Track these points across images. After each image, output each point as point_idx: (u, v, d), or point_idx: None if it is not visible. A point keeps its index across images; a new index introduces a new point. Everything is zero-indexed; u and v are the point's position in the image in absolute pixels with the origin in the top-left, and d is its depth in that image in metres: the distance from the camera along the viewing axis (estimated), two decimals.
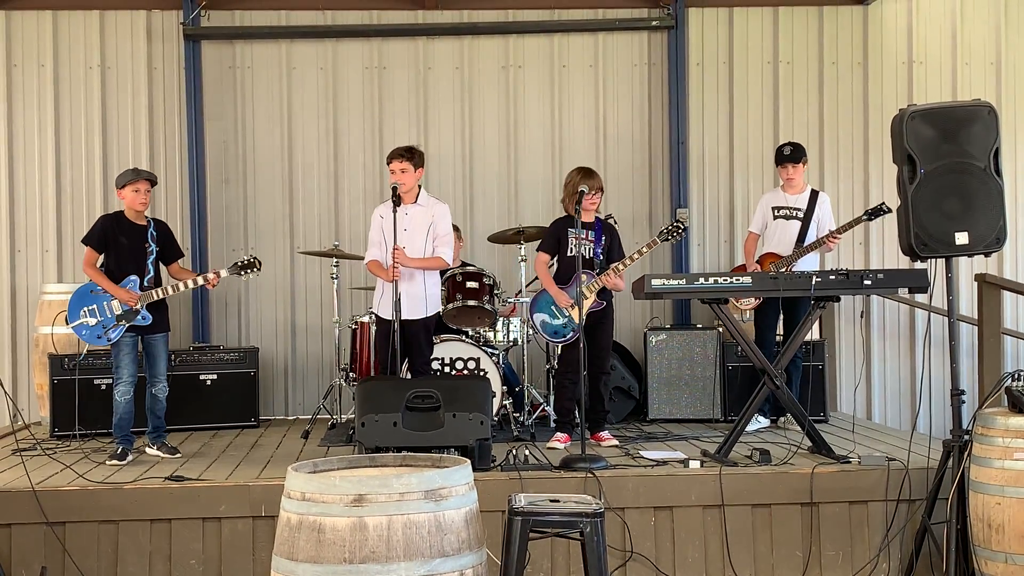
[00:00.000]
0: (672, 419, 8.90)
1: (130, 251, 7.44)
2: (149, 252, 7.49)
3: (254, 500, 6.33)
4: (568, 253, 7.74)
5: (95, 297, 7.35)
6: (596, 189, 7.70)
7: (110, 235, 7.46)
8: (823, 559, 6.46)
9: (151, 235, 7.53)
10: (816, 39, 10.23)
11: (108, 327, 7.32)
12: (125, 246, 7.44)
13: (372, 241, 7.70)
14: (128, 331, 7.36)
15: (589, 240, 7.70)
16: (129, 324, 7.34)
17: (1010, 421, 5.66)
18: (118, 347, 7.37)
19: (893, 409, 10.20)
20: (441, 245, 7.58)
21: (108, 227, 7.49)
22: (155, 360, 7.51)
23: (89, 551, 6.29)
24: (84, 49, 9.98)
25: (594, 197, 7.68)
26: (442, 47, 10.17)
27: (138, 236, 7.49)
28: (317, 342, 10.10)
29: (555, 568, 6.36)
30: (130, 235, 7.47)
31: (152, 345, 7.49)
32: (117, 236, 7.46)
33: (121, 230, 7.47)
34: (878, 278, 6.86)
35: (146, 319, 7.37)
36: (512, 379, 8.79)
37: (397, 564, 4.34)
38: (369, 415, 6.58)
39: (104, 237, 7.46)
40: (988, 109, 5.95)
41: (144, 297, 7.36)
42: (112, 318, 7.33)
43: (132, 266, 7.42)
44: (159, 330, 7.49)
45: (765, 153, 10.02)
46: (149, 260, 7.48)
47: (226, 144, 10.08)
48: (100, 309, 7.33)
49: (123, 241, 7.44)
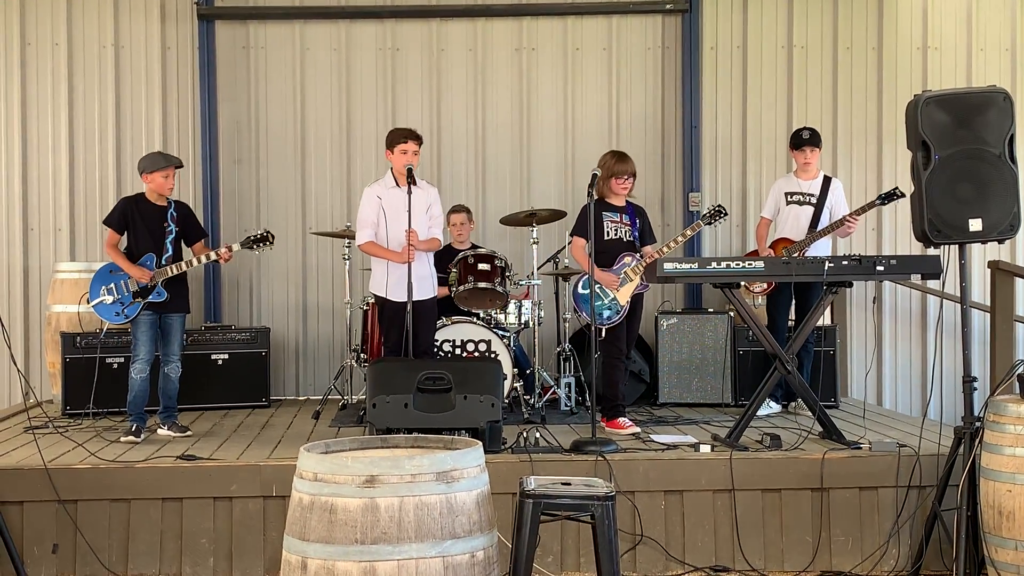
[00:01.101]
0: (683, 403, 8.90)
1: (149, 232, 7.56)
2: (168, 232, 7.58)
3: (265, 480, 6.35)
4: (605, 236, 7.71)
5: (114, 276, 7.50)
6: (628, 174, 7.68)
7: (130, 216, 7.59)
8: (833, 544, 6.46)
9: (171, 215, 7.61)
10: (831, 24, 10.18)
11: (125, 304, 7.43)
12: (144, 227, 7.56)
13: (366, 222, 7.60)
14: (147, 309, 7.45)
15: (625, 224, 7.68)
16: (145, 301, 7.43)
17: (1022, 409, 5.65)
18: (137, 324, 7.47)
19: (904, 395, 10.19)
20: (436, 227, 7.66)
21: (128, 209, 7.62)
22: (170, 339, 7.58)
23: (101, 529, 6.32)
24: (98, 28, 9.98)
25: (626, 182, 7.67)
26: (455, 29, 10.15)
27: (157, 217, 7.59)
28: (328, 322, 10.11)
29: (565, 551, 6.37)
30: (149, 216, 7.58)
31: (169, 324, 7.58)
32: (136, 217, 7.57)
33: (141, 211, 7.59)
34: (891, 264, 6.84)
35: (161, 295, 7.46)
36: (523, 362, 8.80)
37: (408, 545, 4.35)
38: (380, 396, 6.59)
39: (124, 218, 7.60)
40: (1004, 95, 5.91)
41: (158, 274, 7.46)
42: (129, 295, 7.44)
43: (151, 245, 7.54)
44: (177, 310, 7.60)
45: (778, 138, 9.99)
46: (168, 240, 7.57)
47: (239, 124, 10.08)
48: (118, 287, 7.46)
49: (142, 222, 7.56)
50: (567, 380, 8.60)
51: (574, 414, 8.39)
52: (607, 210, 7.69)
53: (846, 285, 7.18)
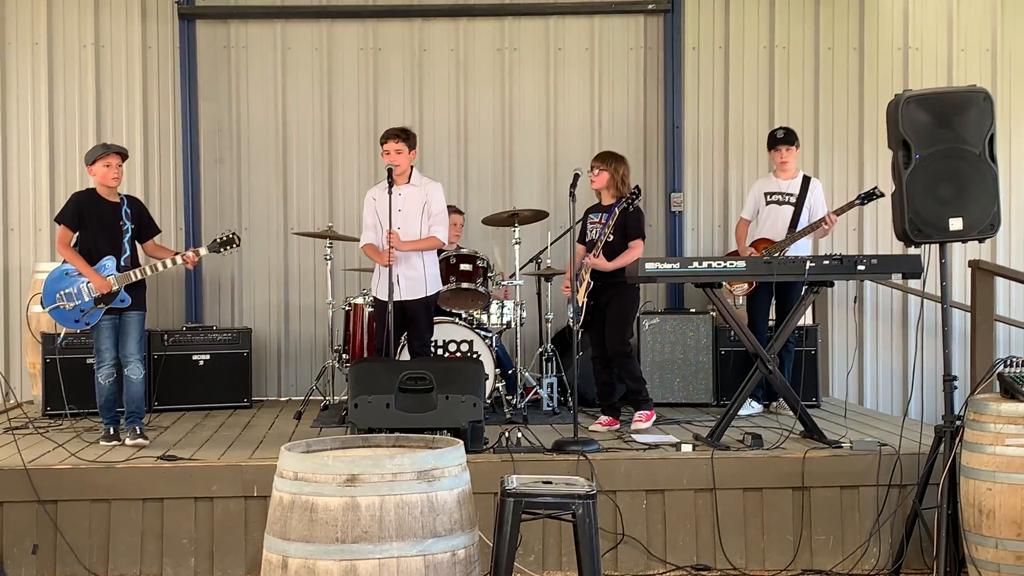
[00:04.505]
0: (664, 403, 8.88)
1: (105, 229, 7.17)
2: (125, 230, 7.21)
3: (246, 480, 6.33)
4: (587, 237, 7.77)
5: (71, 280, 7.09)
6: (592, 169, 7.69)
7: (84, 213, 7.17)
8: (814, 543, 6.47)
9: (125, 212, 7.24)
10: (812, 25, 10.21)
11: (86, 311, 7.08)
12: (100, 225, 7.16)
13: (366, 224, 7.69)
14: (107, 313, 7.11)
15: (602, 223, 7.68)
16: (108, 307, 7.10)
17: (1002, 407, 5.67)
18: (98, 330, 7.13)
19: (885, 394, 10.22)
20: (436, 224, 7.56)
21: (82, 204, 7.20)
22: (127, 338, 7.16)
23: (81, 529, 6.29)
24: (78, 27, 9.93)
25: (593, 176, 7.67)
26: (437, 28, 10.14)
27: (112, 214, 7.19)
28: (310, 323, 10.09)
29: (547, 550, 6.37)
30: (104, 213, 7.18)
31: (126, 323, 7.17)
32: (92, 214, 7.16)
33: (95, 208, 7.18)
34: (872, 263, 6.87)
35: (125, 301, 7.11)
36: (505, 362, 8.79)
37: (389, 544, 4.34)
38: (362, 396, 6.58)
39: (79, 215, 7.17)
40: (984, 95, 5.94)
41: (121, 279, 7.09)
42: (90, 301, 7.06)
43: (108, 246, 7.14)
44: (134, 308, 7.18)
45: (760, 138, 9.97)
46: (125, 239, 7.20)
47: (220, 124, 10.05)
48: (77, 292, 7.07)
49: (98, 219, 7.15)
50: (549, 380, 8.61)
51: (556, 414, 8.39)
52: (594, 211, 7.78)
53: (827, 285, 7.20)
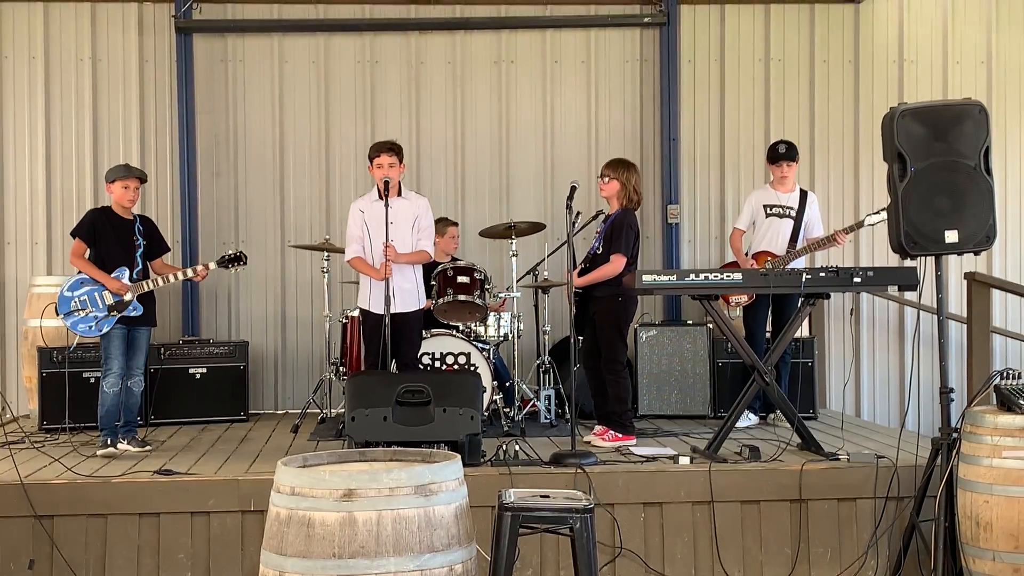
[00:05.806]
0: (662, 415, 8.90)
1: (119, 245, 7.48)
2: (137, 246, 7.53)
3: (243, 494, 6.32)
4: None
5: (86, 288, 7.36)
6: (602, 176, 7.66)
7: (99, 228, 7.49)
8: (811, 556, 6.47)
9: (138, 229, 7.58)
10: (808, 37, 10.24)
11: (100, 318, 7.32)
12: (114, 240, 7.47)
13: (352, 237, 7.63)
14: (119, 322, 7.36)
15: (600, 233, 7.69)
16: (121, 315, 7.35)
17: (999, 419, 5.67)
18: (109, 338, 7.37)
19: (882, 406, 10.22)
20: (424, 239, 7.60)
21: (97, 220, 7.54)
22: (136, 352, 7.52)
23: (77, 544, 6.27)
24: (75, 41, 9.95)
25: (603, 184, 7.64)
26: (434, 42, 10.16)
27: (126, 230, 7.54)
28: (307, 336, 10.08)
29: (545, 564, 6.36)
30: (119, 229, 7.52)
31: (137, 338, 7.51)
32: (107, 229, 7.49)
33: (110, 224, 7.51)
34: (868, 276, 6.87)
35: (137, 309, 7.39)
36: (503, 374, 8.79)
37: (386, 559, 4.33)
38: (359, 409, 6.57)
39: (93, 230, 7.49)
40: (979, 108, 5.95)
41: (135, 288, 7.39)
42: (104, 308, 7.33)
43: (121, 259, 7.46)
44: (146, 323, 7.53)
45: (756, 150, 10.02)
46: (138, 254, 7.53)
47: (217, 137, 10.06)
48: (91, 300, 7.34)
49: (113, 234, 7.47)
50: (547, 392, 8.60)
51: (554, 427, 8.39)
52: (605, 220, 7.79)
53: (824, 297, 7.21)
